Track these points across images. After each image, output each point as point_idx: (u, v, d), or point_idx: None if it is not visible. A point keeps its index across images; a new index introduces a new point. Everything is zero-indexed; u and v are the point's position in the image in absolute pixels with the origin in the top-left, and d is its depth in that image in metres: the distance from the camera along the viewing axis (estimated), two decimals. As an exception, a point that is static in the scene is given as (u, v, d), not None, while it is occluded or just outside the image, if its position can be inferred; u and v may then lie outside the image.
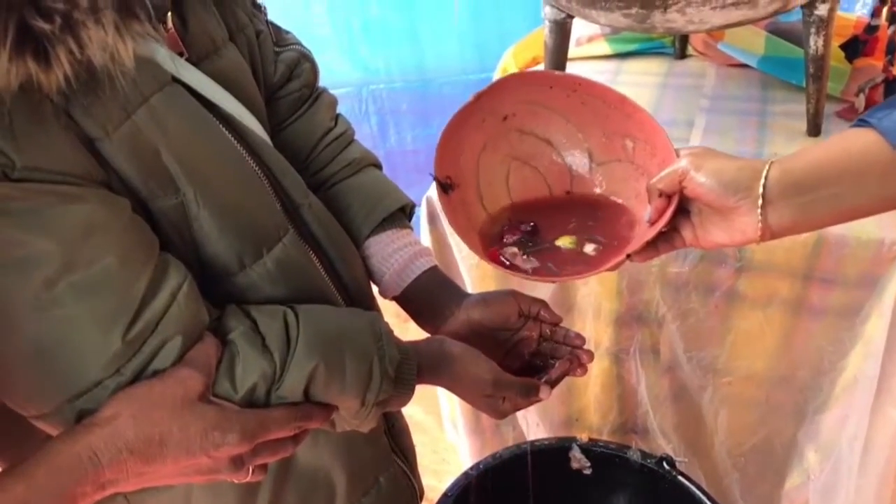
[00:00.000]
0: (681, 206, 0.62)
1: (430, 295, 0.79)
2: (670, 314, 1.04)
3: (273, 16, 0.83)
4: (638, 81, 1.33)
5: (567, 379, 0.78)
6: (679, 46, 1.38)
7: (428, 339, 0.75)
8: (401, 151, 2.16)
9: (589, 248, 0.70)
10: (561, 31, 1.10)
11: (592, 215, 0.73)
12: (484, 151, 0.74)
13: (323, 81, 0.86)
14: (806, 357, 1.00)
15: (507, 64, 1.51)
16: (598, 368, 1.14)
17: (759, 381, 1.05)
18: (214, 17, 0.67)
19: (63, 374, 0.52)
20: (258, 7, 0.78)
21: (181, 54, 0.62)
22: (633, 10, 0.91)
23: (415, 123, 2.14)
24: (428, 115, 2.11)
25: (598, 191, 0.75)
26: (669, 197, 0.62)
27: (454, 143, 0.71)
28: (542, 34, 1.16)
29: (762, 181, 0.56)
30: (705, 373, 1.07)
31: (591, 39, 1.44)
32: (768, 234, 0.57)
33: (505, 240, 0.73)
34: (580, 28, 1.45)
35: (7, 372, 0.52)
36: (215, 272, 0.63)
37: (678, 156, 0.63)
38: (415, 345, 0.71)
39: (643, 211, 0.66)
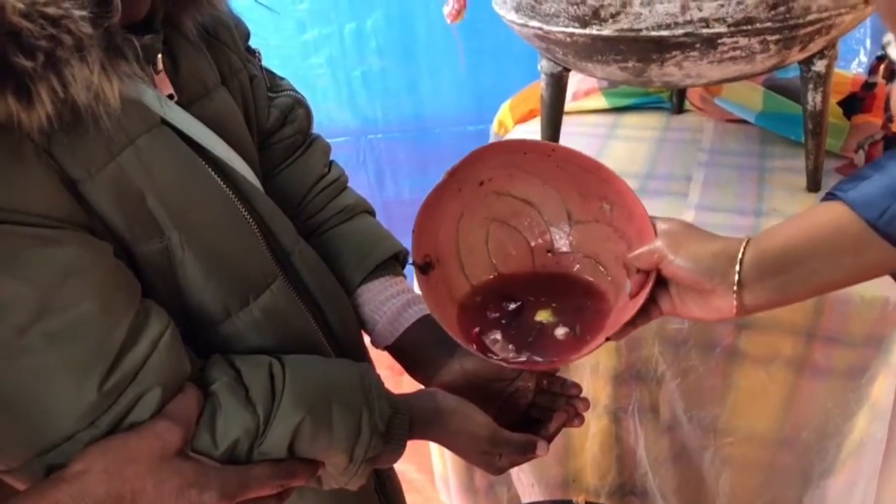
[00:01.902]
0: (658, 278, 0.63)
1: (422, 344, 0.77)
2: (670, 372, 1.01)
3: (273, 65, 0.82)
4: (635, 136, 1.33)
5: (563, 438, 0.76)
6: (676, 101, 1.39)
7: (421, 391, 0.72)
8: (398, 201, 2.16)
9: (560, 332, 0.70)
10: (557, 84, 1.10)
11: (572, 290, 0.73)
12: (462, 218, 0.74)
13: (321, 130, 0.85)
14: (810, 418, 0.97)
15: (504, 116, 1.51)
16: (595, 427, 1.11)
17: (761, 443, 1.02)
18: (206, 61, 0.67)
19: (33, 427, 0.49)
20: (252, 52, 0.77)
21: (171, 96, 0.61)
22: (630, 64, 0.91)
23: (412, 173, 2.14)
24: (426, 165, 2.11)
25: (576, 258, 0.75)
26: (647, 273, 0.63)
27: (431, 220, 0.71)
28: (539, 87, 1.16)
29: (737, 267, 0.57)
30: (706, 433, 1.03)
31: (587, 93, 1.44)
32: (743, 312, 0.58)
33: (488, 315, 0.72)
34: (577, 82, 1.46)
35: None
36: (200, 320, 0.60)
37: (654, 227, 0.63)
38: (407, 398, 0.69)
39: (622, 278, 0.67)
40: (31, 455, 0.49)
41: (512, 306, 0.72)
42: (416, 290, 1.13)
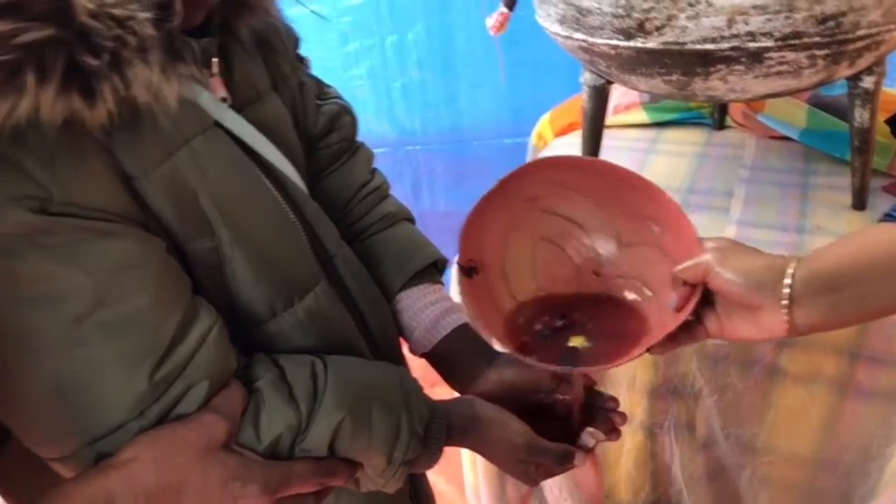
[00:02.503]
0: (705, 298, 0.62)
1: (460, 353, 0.77)
2: (707, 388, 1.00)
3: (316, 75, 0.84)
4: (676, 150, 1.32)
5: (598, 452, 0.75)
6: (718, 117, 1.38)
7: (458, 399, 0.73)
8: (434, 212, 2.17)
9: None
10: (599, 97, 1.10)
11: (614, 313, 0.72)
12: (510, 232, 0.74)
13: (359, 139, 0.87)
14: (852, 440, 0.95)
15: (543, 128, 1.52)
16: (630, 442, 1.10)
17: (801, 463, 1.00)
18: (259, 66, 0.68)
19: (85, 415, 0.50)
20: (302, 59, 0.79)
21: (224, 100, 0.62)
22: (674, 77, 0.91)
23: (449, 185, 2.16)
24: (462, 177, 2.12)
25: (622, 281, 0.74)
26: (693, 287, 0.61)
27: (479, 226, 0.71)
28: (579, 100, 1.16)
29: (788, 280, 0.55)
30: (744, 451, 1.02)
31: (628, 107, 1.44)
32: (794, 332, 0.56)
33: (529, 328, 0.72)
34: (618, 96, 1.46)
35: (29, 410, 0.51)
36: (246, 319, 0.62)
37: (702, 244, 0.62)
38: (445, 404, 0.69)
39: (667, 300, 0.65)
40: (82, 443, 0.51)
41: (554, 323, 0.72)
42: (455, 297, 1.14)
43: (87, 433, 0.50)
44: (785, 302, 0.55)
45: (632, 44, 0.89)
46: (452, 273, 1.14)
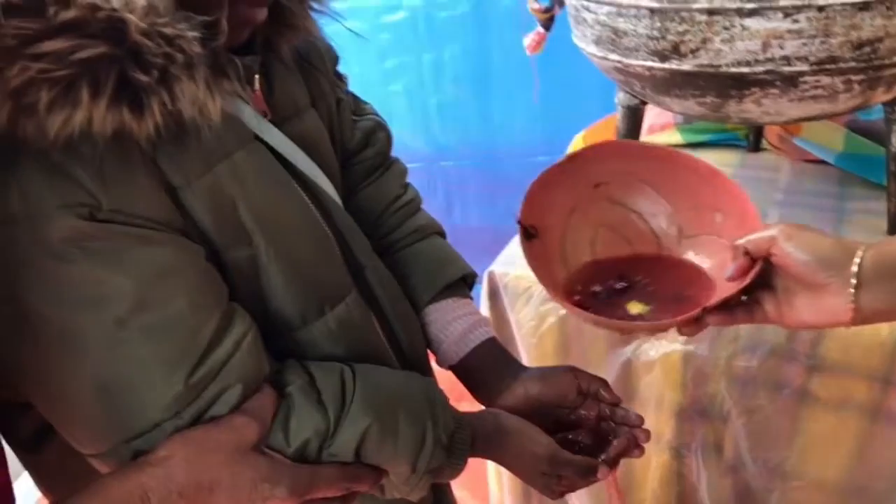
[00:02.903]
0: (766, 281, 0.60)
1: (486, 366, 0.78)
2: (736, 410, 0.99)
3: (354, 91, 0.87)
4: (710, 171, 1.32)
5: (624, 470, 0.76)
6: (753, 139, 1.38)
7: (484, 411, 0.74)
8: (466, 228, 2.19)
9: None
10: (633, 117, 1.11)
11: (673, 277, 0.72)
12: (573, 214, 0.75)
13: (394, 154, 0.89)
14: (884, 468, 0.94)
15: (577, 146, 1.53)
16: (656, 462, 1.10)
17: (831, 490, 0.99)
18: (299, 83, 0.71)
19: (124, 414, 0.53)
20: (340, 77, 0.81)
21: (265, 115, 0.65)
22: (708, 99, 0.91)
23: (481, 201, 2.17)
24: (495, 195, 2.14)
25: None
26: (754, 259, 0.60)
27: (542, 199, 0.72)
28: (613, 120, 1.17)
29: (857, 260, 0.53)
30: (772, 475, 1.01)
31: (663, 128, 1.44)
32: (859, 317, 0.54)
33: (592, 289, 0.71)
34: (652, 116, 1.46)
35: (70, 408, 0.54)
36: (278, 326, 0.63)
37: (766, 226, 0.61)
38: (470, 416, 0.70)
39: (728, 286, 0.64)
40: (120, 440, 0.53)
41: (620, 286, 0.72)
42: (483, 312, 1.15)
43: (126, 431, 0.53)
44: (853, 281, 0.53)
45: (666, 66, 0.90)
46: (483, 289, 1.15)
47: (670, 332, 0.66)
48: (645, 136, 1.41)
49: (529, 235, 0.71)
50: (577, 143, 1.54)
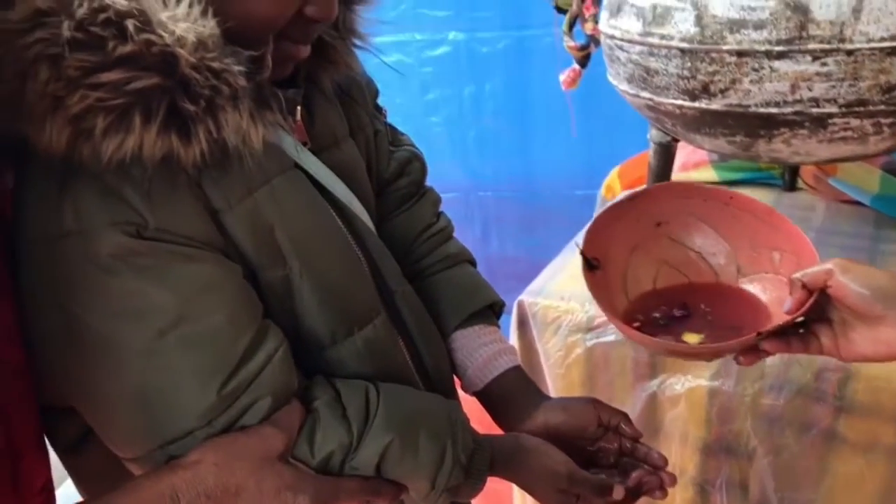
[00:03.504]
0: (823, 314, 0.62)
1: (510, 394, 0.80)
2: (762, 448, 0.99)
3: (396, 121, 0.90)
4: (743, 209, 1.32)
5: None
6: (789, 178, 1.38)
7: (504, 434, 0.76)
8: (501, 258, 2.21)
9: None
10: (665, 154, 1.13)
11: (731, 307, 0.74)
12: (635, 251, 0.79)
13: (433, 184, 0.92)
14: (911, 513, 0.93)
15: (613, 181, 1.54)
16: (680, 498, 1.09)
17: (857, 533, 0.98)
18: (338, 115, 0.75)
19: (160, 420, 0.56)
20: (379, 109, 0.85)
21: (305, 143, 0.68)
22: (738, 138, 0.93)
23: (518, 232, 2.20)
24: (531, 225, 2.16)
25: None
26: (811, 292, 0.62)
27: (605, 234, 0.76)
28: (648, 155, 1.19)
29: None
30: (798, 516, 1.00)
31: (697, 165, 1.45)
32: None
33: (652, 315, 0.75)
34: (687, 153, 1.47)
35: (109, 413, 0.57)
36: (309, 344, 0.66)
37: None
38: (490, 437, 0.72)
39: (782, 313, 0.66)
40: (155, 446, 0.56)
41: (681, 313, 0.74)
42: (512, 341, 1.17)
43: (161, 437, 0.56)
44: None
45: (696, 104, 0.92)
46: (512, 318, 1.17)
47: (704, 365, 0.68)
48: (679, 174, 1.43)
49: (592, 267, 0.75)
50: (612, 178, 1.56)
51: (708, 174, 1.44)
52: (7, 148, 0.53)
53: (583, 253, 0.74)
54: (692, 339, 0.71)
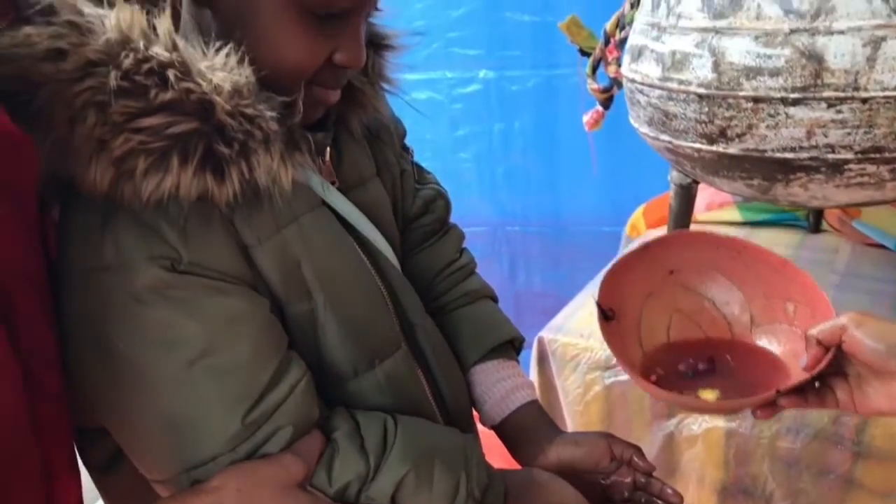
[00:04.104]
0: (838, 369, 0.63)
1: (525, 428, 0.82)
2: (780, 492, 0.99)
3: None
4: (767, 250, 1.33)
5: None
6: (813, 220, 1.38)
7: (518, 469, 0.77)
8: (528, 293, 2.22)
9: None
10: (686, 196, 1.14)
11: (746, 365, 0.75)
12: (648, 299, 0.80)
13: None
14: (932, 561, 0.92)
15: (637, 220, 1.56)
16: (699, 539, 1.09)
17: (876, 581, 0.96)
18: (366, 155, 0.78)
19: (186, 445, 0.58)
20: (406, 149, 0.88)
21: (333, 182, 0.72)
22: (755, 182, 0.95)
23: (545, 267, 2.21)
24: (558, 261, 2.17)
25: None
26: (827, 348, 0.63)
27: (619, 283, 0.77)
28: (671, 196, 1.20)
29: None
30: (817, 562, 0.99)
31: (721, 205, 1.46)
32: None
33: (678, 368, 0.75)
34: (712, 193, 1.49)
35: (139, 437, 0.60)
36: (331, 376, 0.69)
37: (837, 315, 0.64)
38: (504, 473, 0.73)
39: (800, 374, 0.67)
40: (181, 470, 0.58)
41: (705, 366, 0.75)
42: (532, 377, 1.18)
43: (187, 462, 0.58)
44: None
45: (714, 148, 0.94)
46: (532, 354, 1.19)
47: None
48: (703, 214, 1.44)
49: (607, 317, 0.76)
50: (637, 217, 1.57)
51: (732, 214, 1.45)
52: (55, 185, 0.57)
53: (598, 304, 0.75)
54: (709, 395, 0.72)
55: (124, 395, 0.59)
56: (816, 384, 0.66)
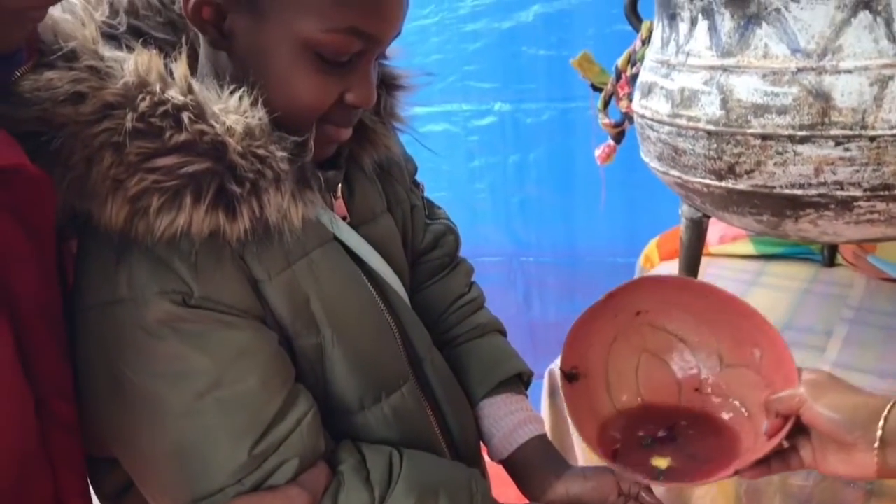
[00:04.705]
0: (802, 427, 0.64)
1: (532, 463, 0.82)
2: (793, 531, 0.97)
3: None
4: (780, 285, 1.32)
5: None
6: (828, 254, 1.37)
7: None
8: (543, 323, 2.22)
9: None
10: (696, 230, 1.15)
11: (711, 430, 0.75)
12: (615, 342, 0.80)
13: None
14: None
15: (651, 251, 1.56)
16: (711, 578, 1.07)
17: None
18: (377, 191, 0.80)
19: (194, 476, 0.60)
20: (417, 185, 0.90)
21: (345, 218, 0.73)
22: (765, 217, 0.95)
23: (559, 297, 2.21)
24: (573, 292, 2.17)
25: (721, 400, 0.77)
26: (786, 417, 0.64)
27: (584, 336, 0.77)
28: (684, 229, 1.21)
29: (881, 423, 0.56)
30: None
31: (735, 238, 1.46)
32: (886, 473, 0.57)
33: (637, 434, 0.76)
34: (725, 226, 1.48)
35: (147, 467, 0.61)
36: (338, 408, 0.70)
37: (800, 376, 0.65)
38: (508, 508, 0.74)
39: (762, 425, 0.68)
40: (188, 500, 0.60)
41: (657, 433, 0.76)
42: (543, 409, 1.18)
43: (194, 492, 0.60)
44: (876, 444, 0.56)
45: (723, 184, 0.95)
46: (543, 386, 1.19)
47: None
48: (716, 246, 1.44)
49: (571, 378, 0.76)
50: (651, 249, 1.57)
51: (746, 248, 1.45)
52: (73, 218, 0.59)
53: (561, 369, 0.75)
54: (661, 462, 0.72)
55: (134, 426, 0.60)
56: (785, 444, 0.66)
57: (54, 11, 0.56)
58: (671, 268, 1.45)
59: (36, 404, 0.56)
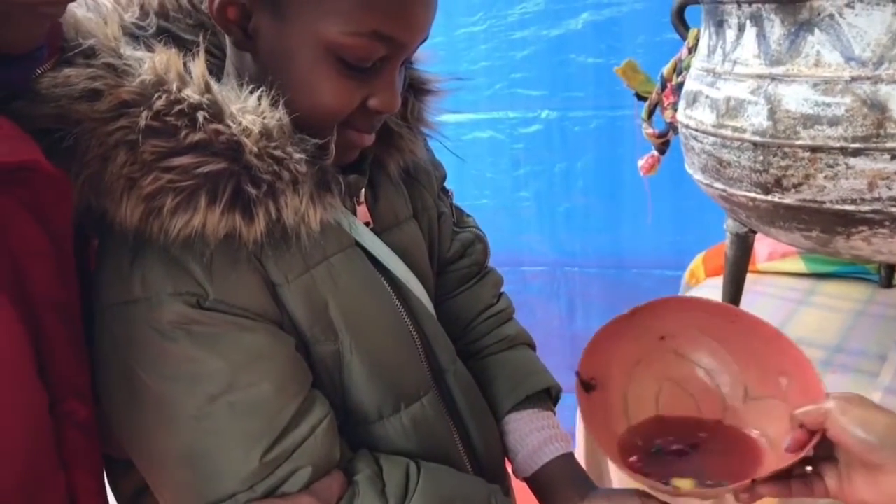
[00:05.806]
0: (829, 453, 0.60)
1: (556, 482, 0.79)
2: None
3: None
4: (832, 305, 1.26)
5: None
6: (885, 274, 1.31)
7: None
8: (586, 335, 2.14)
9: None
10: (742, 245, 1.10)
11: (730, 450, 0.72)
12: (637, 366, 0.77)
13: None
14: None
15: (697, 267, 1.51)
16: None
17: None
18: (402, 197, 0.78)
19: (204, 481, 0.59)
20: (445, 191, 0.88)
21: (368, 224, 0.72)
22: (814, 234, 0.90)
23: (603, 309, 2.16)
24: (617, 304, 2.10)
25: (748, 430, 0.73)
26: (812, 432, 0.61)
27: (605, 349, 0.75)
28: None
29: None
30: None
31: (784, 255, 1.40)
32: None
33: (655, 442, 0.72)
34: (774, 242, 1.42)
35: (160, 470, 0.61)
36: (355, 417, 0.69)
37: (829, 396, 0.62)
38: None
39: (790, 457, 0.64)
40: None
41: (687, 447, 0.72)
42: (575, 422, 1.15)
43: (205, 497, 0.59)
44: None
45: (769, 198, 0.90)
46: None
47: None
48: (764, 264, 1.38)
49: (588, 388, 0.73)
50: (696, 264, 1.52)
51: (797, 265, 1.39)
52: (91, 217, 0.59)
53: (578, 374, 0.72)
54: (684, 483, 0.68)
55: (147, 428, 0.60)
56: (808, 468, 0.63)
57: (78, 10, 0.56)
58: (717, 284, 1.40)
59: (51, 403, 0.56)
